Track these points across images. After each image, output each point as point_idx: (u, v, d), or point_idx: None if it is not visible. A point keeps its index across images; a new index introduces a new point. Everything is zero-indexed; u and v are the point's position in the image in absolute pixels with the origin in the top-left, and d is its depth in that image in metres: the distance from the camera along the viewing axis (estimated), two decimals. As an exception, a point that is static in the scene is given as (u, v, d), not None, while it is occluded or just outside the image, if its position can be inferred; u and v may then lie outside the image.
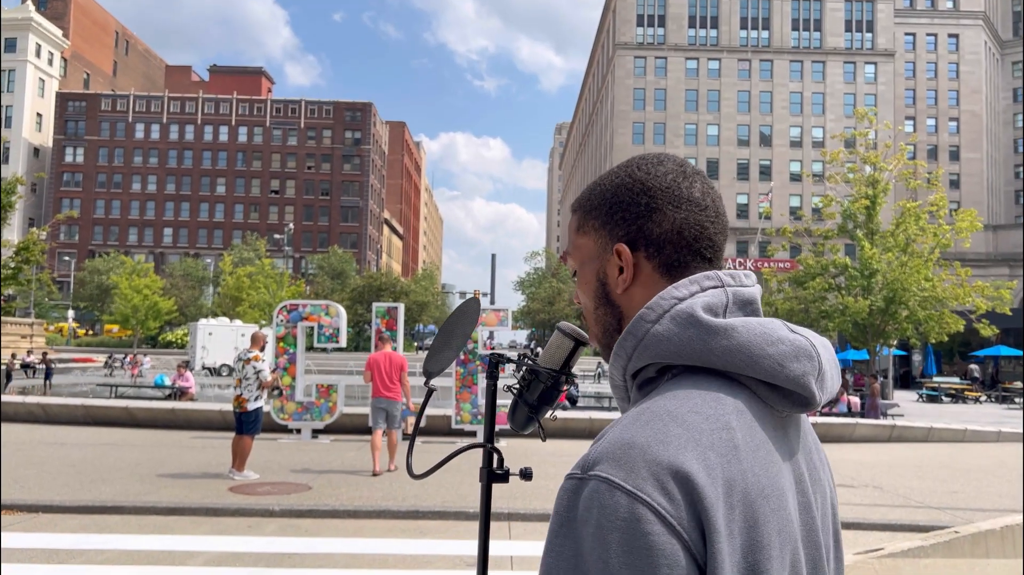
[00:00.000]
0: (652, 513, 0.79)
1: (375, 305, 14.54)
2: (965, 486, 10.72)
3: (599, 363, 42.65)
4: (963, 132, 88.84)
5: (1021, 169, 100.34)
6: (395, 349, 12.78)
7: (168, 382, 22.85)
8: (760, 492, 0.86)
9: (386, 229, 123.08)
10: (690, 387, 0.90)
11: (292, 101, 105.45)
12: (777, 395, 0.93)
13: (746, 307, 0.98)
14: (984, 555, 5.64)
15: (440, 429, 14.23)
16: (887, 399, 21.06)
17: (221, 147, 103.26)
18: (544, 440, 1.18)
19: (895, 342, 22.88)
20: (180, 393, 21.34)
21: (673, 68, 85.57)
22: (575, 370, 1.18)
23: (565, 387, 1.14)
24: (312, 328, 14.14)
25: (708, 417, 0.86)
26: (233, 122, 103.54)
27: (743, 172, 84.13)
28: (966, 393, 33.05)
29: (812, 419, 17.41)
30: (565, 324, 1.17)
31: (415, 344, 70.43)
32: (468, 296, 78.57)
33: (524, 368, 1.16)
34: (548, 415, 1.16)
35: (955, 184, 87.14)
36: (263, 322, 45.73)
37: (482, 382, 14.06)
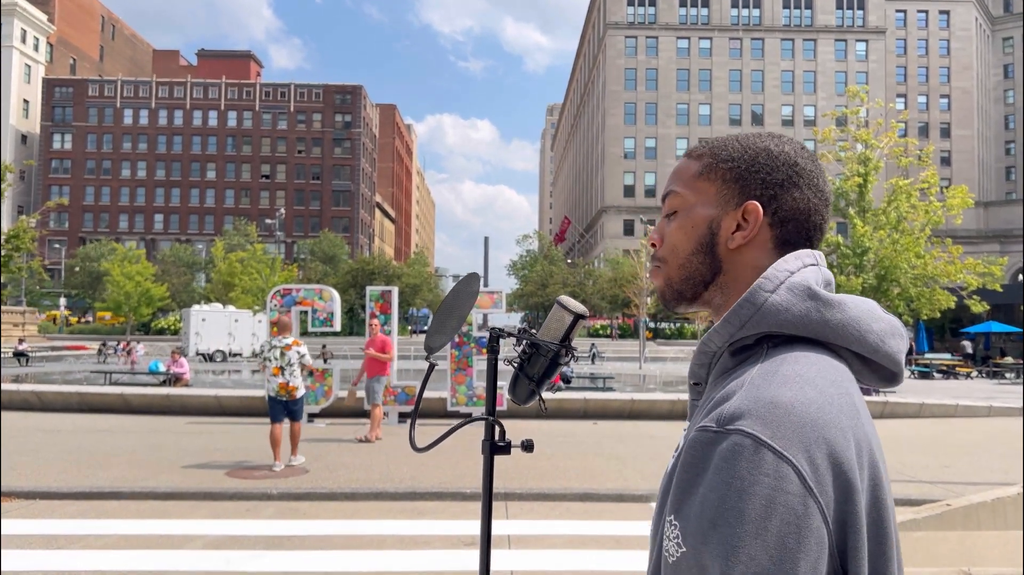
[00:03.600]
0: (796, 475, 0.82)
1: (369, 289, 14.52)
2: (956, 460, 10.83)
3: (592, 344, 42.78)
4: (954, 109, 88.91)
5: (1012, 145, 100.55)
6: (388, 332, 12.87)
7: (163, 368, 22.84)
8: (880, 452, 0.93)
9: (378, 213, 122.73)
10: (805, 353, 0.93)
11: (281, 85, 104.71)
12: (867, 369, 0.99)
13: (829, 285, 1.02)
14: (976, 527, 5.71)
15: (436, 411, 14.27)
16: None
17: (211, 132, 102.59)
18: (545, 411, 1.20)
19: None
20: (175, 379, 21.34)
21: (664, 48, 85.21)
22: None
23: (565, 360, 1.15)
24: (306, 313, 14.13)
25: (833, 382, 0.90)
26: (222, 107, 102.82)
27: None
28: (957, 369, 33.28)
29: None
30: (565, 298, 1.18)
31: (409, 328, 70.42)
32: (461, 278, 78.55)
33: (524, 342, 1.17)
34: (548, 388, 1.17)
35: (946, 161, 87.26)
36: (256, 307, 45.69)
37: (477, 364, 14.10)
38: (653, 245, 1.11)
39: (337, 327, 14.23)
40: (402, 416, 13.64)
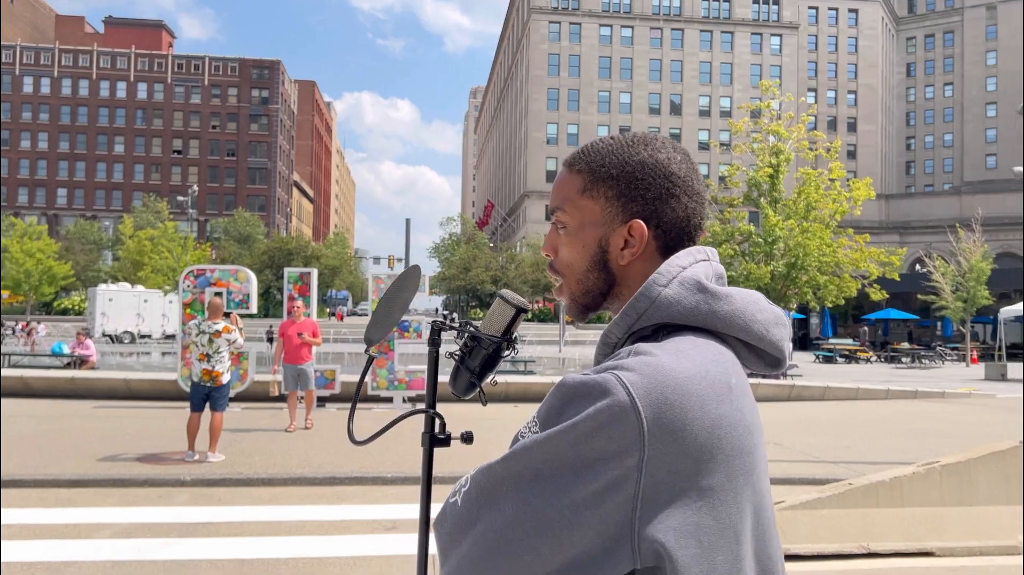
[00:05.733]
0: (637, 422, 0.89)
1: (287, 270, 14.24)
2: (857, 441, 11.39)
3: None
4: (860, 105, 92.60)
5: (912, 141, 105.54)
6: (308, 315, 12.62)
7: (67, 350, 21.86)
8: (754, 435, 0.99)
9: (296, 192, 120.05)
10: (694, 338, 1.01)
11: (195, 57, 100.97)
12: (753, 355, 1.08)
13: (720, 279, 1.10)
14: (875, 505, 6.04)
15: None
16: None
17: (119, 104, 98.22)
18: (485, 405, 1.23)
19: (795, 306, 24.02)
20: (80, 362, 20.47)
21: (587, 34, 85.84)
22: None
23: (507, 354, 1.17)
24: (221, 294, 13.74)
25: (714, 361, 0.98)
26: (132, 78, 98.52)
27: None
28: (858, 354, 34.96)
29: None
30: (507, 291, 1.20)
31: (327, 310, 69.32)
32: (383, 260, 77.61)
33: (465, 335, 1.19)
34: (488, 381, 1.20)
35: (852, 155, 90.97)
36: (167, 287, 44.16)
37: (399, 348, 14.03)
38: (548, 256, 1.17)
39: (254, 309, 13.91)
40: (320, 400, 13.44)
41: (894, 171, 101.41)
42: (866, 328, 42.45)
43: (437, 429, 1.19)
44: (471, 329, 1.18)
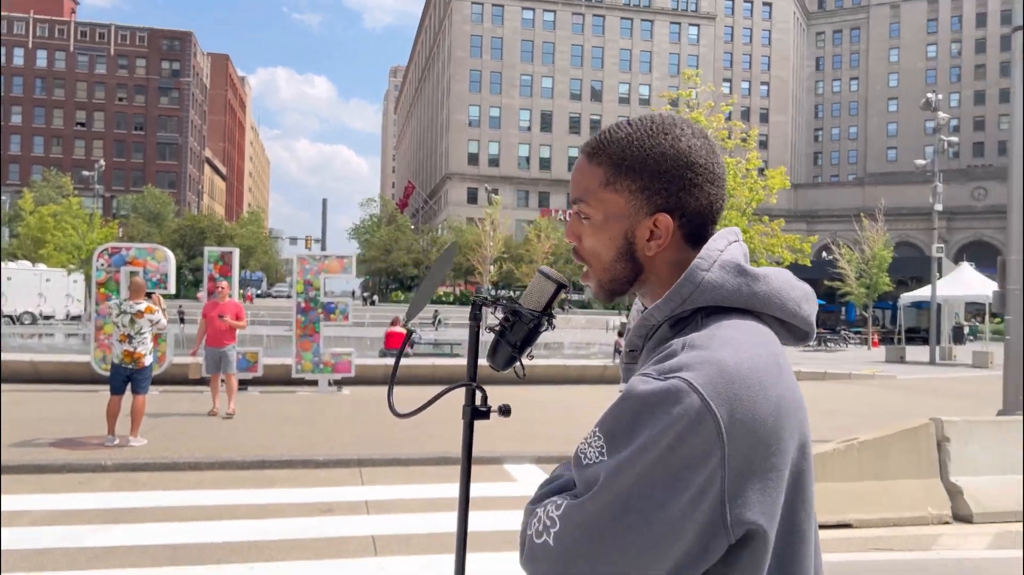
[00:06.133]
0: (714, 424, 0.92)
1: (208, 249, 13.84)
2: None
3: (436, 311, 42.97)
4: (772, 96, 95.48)
5: (820, 133, 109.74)
6: (231, 296, 12.29)
7: (-37, 332, 20.65)
8: (804, 409, 1.05)
9: (208, 169, 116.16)
10: (737, 321, 1.06)
11: (100, 25, 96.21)
12: (784, 330, 1.13)
13: (746, 257, 1.14)
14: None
15: (279, 378, 13.91)
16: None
17: (16, 71, 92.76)
18: (522, 378, 1.25)
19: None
20: (-22, 344, 19.38)
21: (510, 17, 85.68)
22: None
23: (544, 328, 1.20)
24: (137, 273, 13.22)
25: (762, 344, 1.03)
26: (30, 44, 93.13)
27: (575, 126, 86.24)
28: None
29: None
30: (547, 268, 1.23)
31: (241, 291, 67.54)
32: (300, 241, 75.92)
33: (506, 310, 1.21)
34: (526, 355, 1.23)
35: (764, 145, 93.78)
36: (71, 266, 42.19)
37: (325, 330, 13.83)
38: (573, 244, 1.19)
39: (171, 289, 13.45)
40: (242, 384, 13.12)
41: (803, 161, 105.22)
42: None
43: (479, 402, 1.21)
44: (515, 305, 1.20)
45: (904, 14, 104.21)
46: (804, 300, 1.13)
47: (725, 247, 1.11)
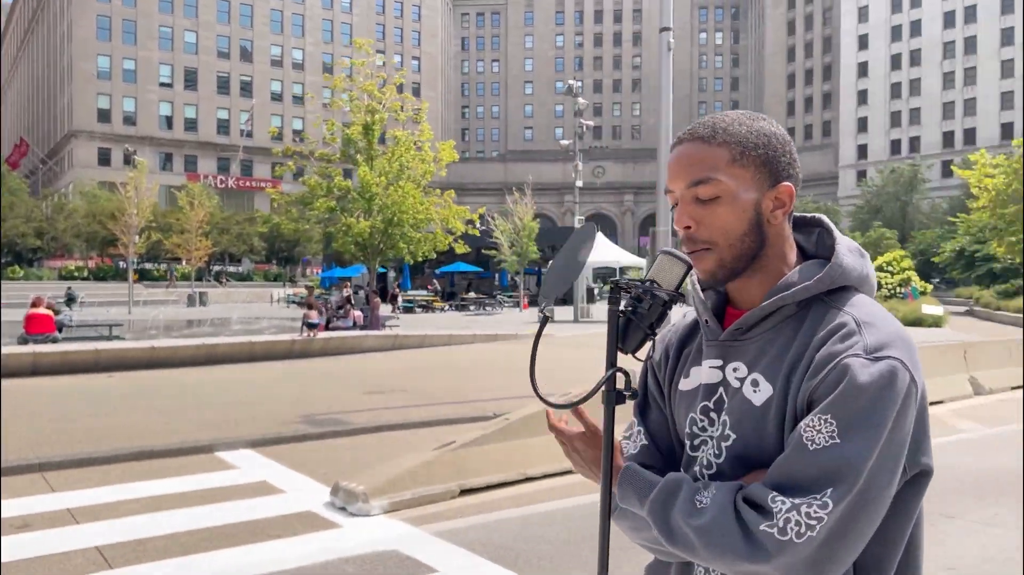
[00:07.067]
0: (916, 389, 1.16)
1: None
2: (468, 382, 12.55)
3: (69, 287, 38.01)
4: (424, 71, 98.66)
5: (467, 110, 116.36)
6: None
7: None
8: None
9: None
10: (862, 296, 1.24)
11: None
12: None
13: None
14: (531, 435, 6.88)
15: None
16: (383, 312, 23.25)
17: None
18: (649, 359, 1.29)
19: (392, 261, 25.23)
20: None
21: (143, -39, 77.31)
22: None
23: (671, 308, 1.26)
24: None
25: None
26: None
27: (224, 86, 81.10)
28: (434, 303, 38.08)
29: (324, 334, 18.34)
30: (673, 249, 1.27)
31: None
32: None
33: (639, 292, 1.24)
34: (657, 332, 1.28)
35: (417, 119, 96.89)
36: None
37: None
38: (687, 228, 1.24)
39: None
40: None
41: (452, 137, 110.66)
42: (436, 280, 46.29)
43: (622, 385, 1.22)
44: (654, 288, 1.23)
45: (537, 3, 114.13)
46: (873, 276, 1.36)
47: (834, 228, 1.30)
